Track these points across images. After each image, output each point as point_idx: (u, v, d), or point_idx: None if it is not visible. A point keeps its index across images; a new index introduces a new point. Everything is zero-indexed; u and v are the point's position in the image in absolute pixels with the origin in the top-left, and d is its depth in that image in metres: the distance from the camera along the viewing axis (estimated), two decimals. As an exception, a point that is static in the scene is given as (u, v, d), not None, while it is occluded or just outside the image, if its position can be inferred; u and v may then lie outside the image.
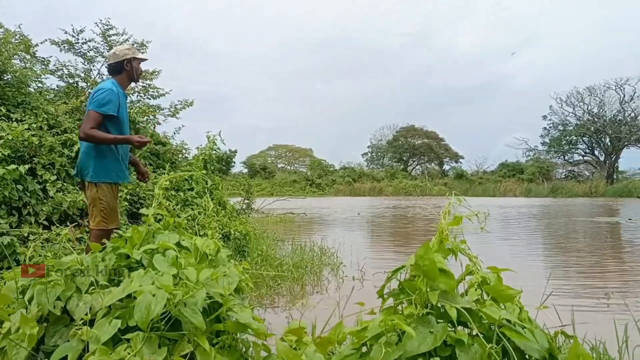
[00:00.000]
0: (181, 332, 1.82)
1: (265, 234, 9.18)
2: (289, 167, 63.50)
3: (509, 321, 1.71)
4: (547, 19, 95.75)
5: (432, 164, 60.53)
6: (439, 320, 1.76)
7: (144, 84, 10.37)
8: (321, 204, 27.79)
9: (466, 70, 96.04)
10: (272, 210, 16.88)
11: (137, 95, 10.24)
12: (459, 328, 1.82)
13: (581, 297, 5.62)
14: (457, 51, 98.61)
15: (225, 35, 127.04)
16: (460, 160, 60.24)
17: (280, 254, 7.33)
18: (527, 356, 1.67)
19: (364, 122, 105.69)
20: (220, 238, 6.59)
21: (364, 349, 1.83)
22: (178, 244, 2.28)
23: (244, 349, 2.03)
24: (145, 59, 4.20)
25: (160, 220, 2.73)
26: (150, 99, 10.48)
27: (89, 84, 9.54)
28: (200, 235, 2.63)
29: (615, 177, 49.64)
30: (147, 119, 8.81)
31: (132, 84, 4.47)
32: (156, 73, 10.56)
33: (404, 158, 60.82)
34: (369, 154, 65.51)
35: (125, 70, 4.00)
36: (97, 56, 10.14)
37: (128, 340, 1.77)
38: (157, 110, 9.95)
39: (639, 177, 50.44)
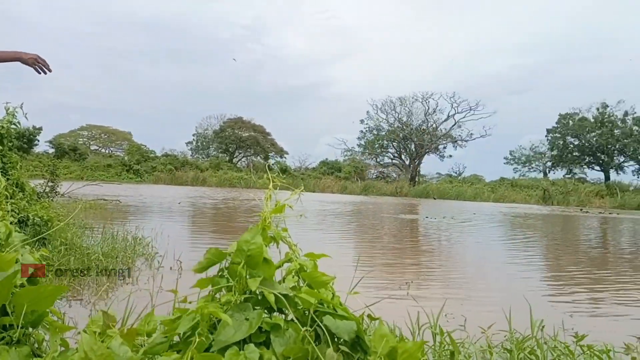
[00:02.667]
0: (-47, 327, 1.53)
1: (71, 221, 8.34)
2: (103, 150, 58.73)
3: (322, 305, 1.77)
4: (370, 31, 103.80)
5: (258, 158, 61.34)
6: (255, 307, 1.75)
7: None
8: (139, 192, 26.29)
9: (295, 69, 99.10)
10: (81, 195, 15.44)
11: None
12: (275, 314, 1.84)
13: (385, 285, 6.18)
14: (287, 50, 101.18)
15: (38, 1, 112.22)
16: (285, 155, 62.18)
17: (88, 242, 6.72)
18: (337, 338, 1.75)
19: (189, 110, 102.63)
20: (16, 223, 5.80)
21: (176, 339, 1.74)
22: (-44, 225, 1.91)
23: (36, 344, 1.79)
24: None
25: None
26: None
27: None
28: (-12, 217, 2.26)
29: (417, 179, 55.89)
30: None
31: None
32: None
33: (230, 149, 60.59)
34: (194, 143, 63.95)
35: None
36: None
37: None
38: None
39: (436, 181, 57.64)
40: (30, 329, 1.77)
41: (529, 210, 30.16)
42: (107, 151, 58.55)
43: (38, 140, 41.94)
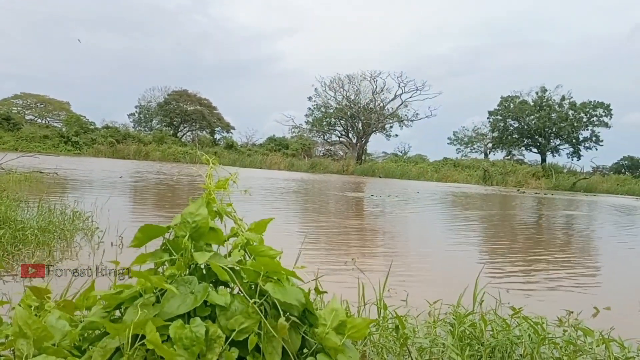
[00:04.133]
0: None
1: (4, 194, 7.91)
2: (39, 121, 55.65)
3: (270, 279, 1.76)
4: (320, 7, 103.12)
5: (204, 132, 60.02)
6: (201, 281, 1.72)
7: None
8: (78, 164, 25.26)
9: (242, 43, 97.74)
10: (15, 167, 14.65)
11: None
12: (221, 288, 1.82)
13: (330, 260, 6.25)
14: (234, 23, 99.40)
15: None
16: (232, 130, 61.13)
17: (23, 216, 6.39)
18: (283, 311, 1.75)
19: (132, 81, 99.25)
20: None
21: (118, 313, 1.69)
22: None
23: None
24: None
25: None
26: None
27: None
28: None
29: (363, 158, 56.50)
30: None
31: None
32: None
33: (175, 123, 58.92)
34: (137, 115, 61.79)
35: None
36: None
37: None
38: None
39: (382, 160, 58.51)
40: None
41: (470, 189, 31.25)
42: (43, 121, 55.50)
43: (-33, 110, 39.30)
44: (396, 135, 60.48)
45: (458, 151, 65.68)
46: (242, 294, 1.69)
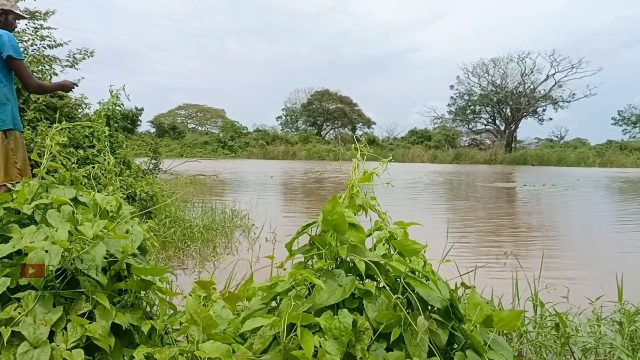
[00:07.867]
0: (79, 290, 1.70)
1: (173, 195, 8.90)
2: (200, 128, 61.67)
3: (414, 273, 1.77)
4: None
5: (346, 129, 61.35)
6: (348, 274, 1.79)
7: (36, 25, 9.23)
8: (233, 167, 27.42)
9: (381, 38, 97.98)
10: (181, 171, 16.38)
11: (31, 42, 9.17)
12: (367, 281, 1.86)
13: (480, 255, 6.02)
14: (373, 19, 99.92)
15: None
16: (373, 126, 61.60)
17: (189, 215, 7.14)
18: (429, 306, 1.74)
19: (278, 85, 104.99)
20: (125, 199, 6.28)
21: (274, 304, 1.82)
22: (75, 200, 2.11)
23: (148, 308, 1.95)
24: (24, 17, 4.02)
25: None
26: (45, 49, 9.52)
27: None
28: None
29: (513, 145, 53.15)
30: (42, 68, 8.02)
31: None
32: (50, 13, 9.44)
33: (318, 122, 61.09)
34: (283, 117, 65.19)
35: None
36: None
37: (18, 299, 1.63)
38: (54, 61, 9.04)
39: (534, 146, 54.47)
40: (142, 293, 1.93)
41: (640, 174, 27.82)
42: (203, 129, 61.38)
43: (140, 121, 44.48)
44: (550, 118, 55.86)
45: (625, 132, 58.40)
46: (386, 288, 1.72)
